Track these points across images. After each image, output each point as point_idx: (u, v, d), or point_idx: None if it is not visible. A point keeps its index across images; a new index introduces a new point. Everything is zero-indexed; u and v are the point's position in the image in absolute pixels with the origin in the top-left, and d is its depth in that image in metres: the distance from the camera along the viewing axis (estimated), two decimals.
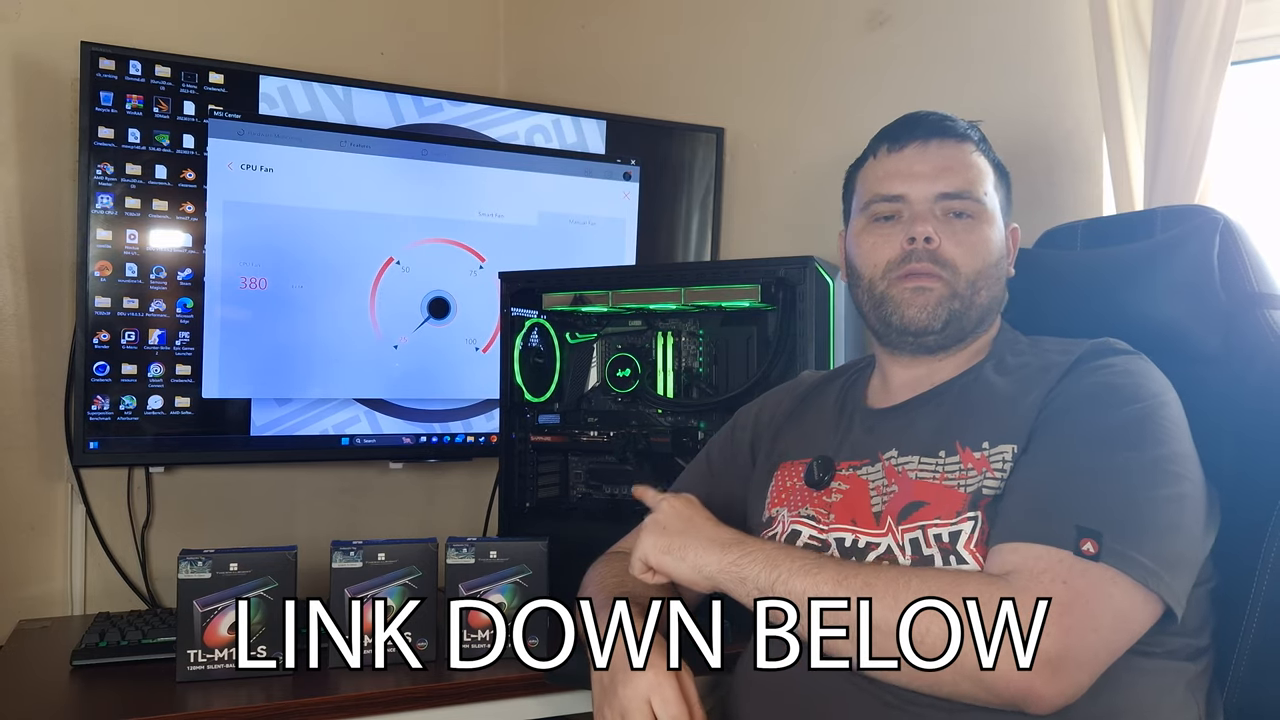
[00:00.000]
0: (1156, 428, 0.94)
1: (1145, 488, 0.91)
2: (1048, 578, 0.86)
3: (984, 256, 1.08)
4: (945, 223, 1.08)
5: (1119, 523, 0.88)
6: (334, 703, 1.20)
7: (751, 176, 2.02)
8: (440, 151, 1.87)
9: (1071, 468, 0.93)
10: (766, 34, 1.97)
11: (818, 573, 0.93)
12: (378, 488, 2.02)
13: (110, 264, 1.63)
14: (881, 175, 1.12)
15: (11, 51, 1.67)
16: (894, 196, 1.10)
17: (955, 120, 1.13)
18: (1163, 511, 0.90)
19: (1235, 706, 1.02)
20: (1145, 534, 0.88)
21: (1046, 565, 0.87)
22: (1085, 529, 0.87)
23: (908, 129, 1.12)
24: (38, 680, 1.32)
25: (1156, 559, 0.87)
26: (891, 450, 1.07)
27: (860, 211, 1.14)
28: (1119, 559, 0.86)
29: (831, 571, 0.93)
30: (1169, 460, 0.93)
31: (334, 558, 1.28)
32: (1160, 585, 0.87)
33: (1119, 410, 0.95)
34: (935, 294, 1.07)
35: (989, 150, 1.14)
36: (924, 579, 0.89)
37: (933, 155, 1.10)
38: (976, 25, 1.71)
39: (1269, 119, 1.54)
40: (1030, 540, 0.89)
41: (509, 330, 1.59)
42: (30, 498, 1.69)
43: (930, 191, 1.08)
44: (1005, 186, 1.15)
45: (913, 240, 1.07)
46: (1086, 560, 0.86)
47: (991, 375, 1.07)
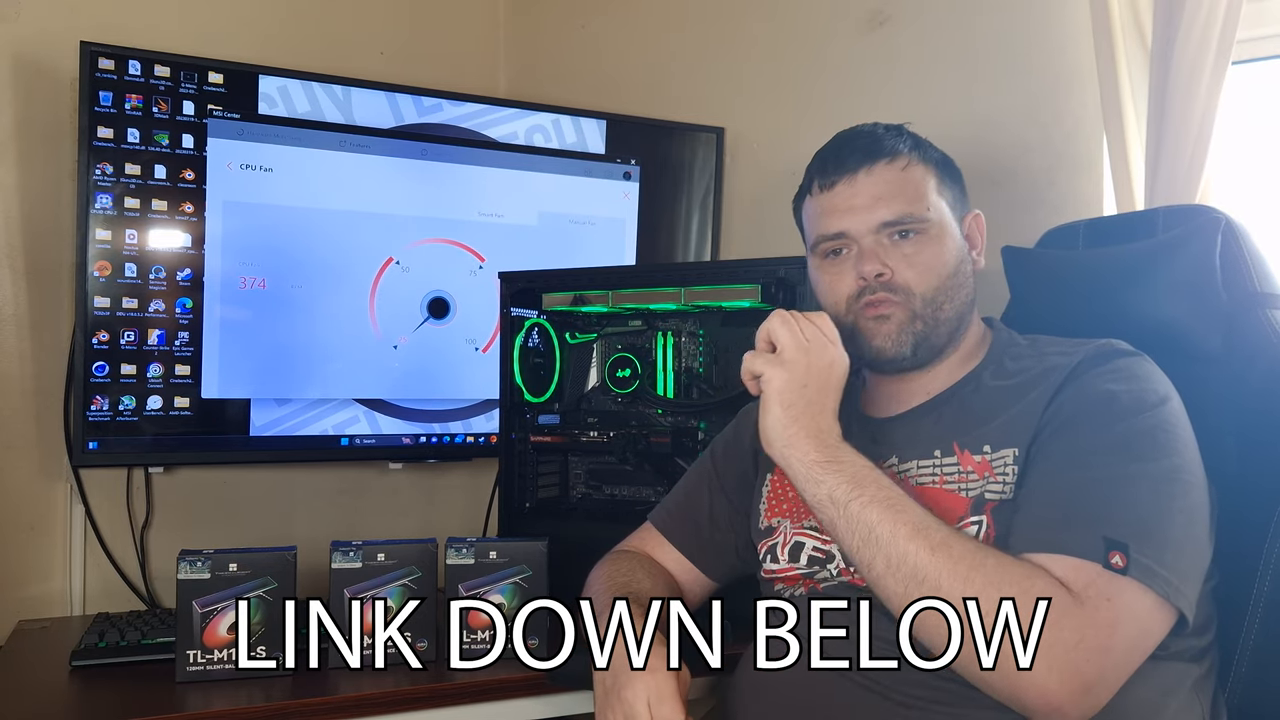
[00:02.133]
0: (1168, 436, 0.94)
1: (1163, 499, 0.91)
2: (1093, 592, 0.86)
3: (938, 272, 1.07)
4: (893, 247, 1.07)
5: (1142, 535, 0.88)
6: (334, 703, 1.19)
7: (751, 176, 2.02)
8: (440, 151, 1.87)
9: (1090, 478, 0.92)
10: (767, 34, 1.97)
11: (900, 511, 0.92)
12: (377, 488, 2.02)
13: (109, 264, 1.62)
14: (819, 213, 1.11)
15: (11, 51, 1.67)
16: (836, 234, 1.09)
17: (881, 136, 1.10)
18: (1179, 523, 0.90)
19: (1237, 706, 1.02)
20: (1167, 547, 0.88)
21: (1089, 579, 0.86)
22: (1113, 541, 0.87)
23: (836, 161, 1.10)
24: (37, 680, 1.32)
25: (1175, 571, 0.88)
26: (893, 458, 1.07)
27: (811, 250, 1.14)
28: (1144, 573, 0.86)
29: (913, 515, 0.91)
30: (1181, 470, 0.93)
31: (333, 558, 1.28)
32: (1180, 598, 0.88)
33: (1132, 419, 0.95)
34: (895, 320, 1.06)
35: (926, 151, 1.11)
36: (1000, 563, 0.88)
37: (864, 186, 1.08)
38: (977, 25, 1.71)
39: (1269, 119, 1.54)
40: (1059, 551, 0.88)
41: (509, 330, 1.59)
42: (30, 498, 1.69)
43: (870, 223, 1.07)
44: (951, 179, 1.13)
45: (863, 279, 1.07)
46: (1118, 575, 0.86)
47: (990, 380, 1.07)
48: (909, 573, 0.89)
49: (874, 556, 0.91)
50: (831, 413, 1.01)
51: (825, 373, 1.02)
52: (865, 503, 0.93)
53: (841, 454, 0.97)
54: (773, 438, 1.00)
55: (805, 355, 1.01)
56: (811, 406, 1.00)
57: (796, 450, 0.98)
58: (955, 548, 0.89)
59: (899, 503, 0.92)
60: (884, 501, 0.92)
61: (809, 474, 0.97)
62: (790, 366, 1.01)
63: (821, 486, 0.95)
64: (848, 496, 0.94)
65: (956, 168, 1.14)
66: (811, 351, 1.02)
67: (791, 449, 0.98)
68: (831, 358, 1.02)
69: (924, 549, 0.89)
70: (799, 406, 0.99)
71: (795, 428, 0.99)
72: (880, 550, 0.91)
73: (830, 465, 0.96)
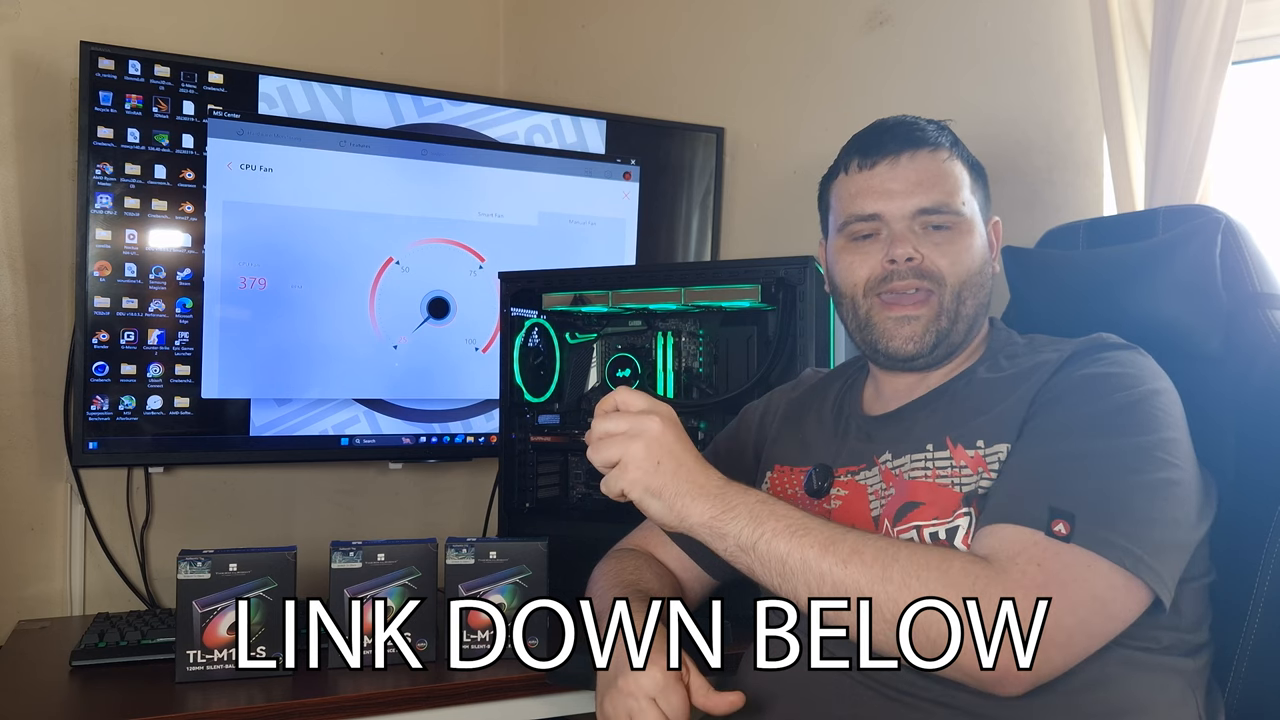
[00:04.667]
0: (1146, 415, 0.94)
1: (1127, 472, 0.90)
2: (1023, 559, 0.86)
3: (967, 265, 1.07)
4: (925, 236, 1.06)
5: (1095, 505, 0.88)
6: (334, 703, 1.19)
7: (751, 176, 2.02)
8: (440, 151, 1.87)
9: (1055, 453, 0.93)
10: (766, 34, 1.97)
11: (803, 535, 0.91)
12: (377, 488, 2.02)
13: (109, 264, 1.62)
14: (854, 193, 1.09)
15: (11, 51, 1.67)
16: (870, 216, 1.08)
17: (925, 127, 1.10)
18: (1146, 496, 0.90)
19: (1237, 705, 1.02)
20: (1124, 517, 0.88)
21: (1022, 547, 0.87)
22: (1058, 510, 0.87)
23: (877, 143, 1.09)
24: (37, 680, 1.32)
25: (1138, 542, 0.87)
26: (886, 454, 1.07)
27: (838, 231, 1.12)
28: (1094, 540, 0.86)
29: (818, 534, 0.91)
30: (1157, 446, 0.92)
31: (333, 558, 1.28)
32: (1142, 569, 0.87)
33: (1108, 398, 0.95)
34: (922, 321, 1.06)
35: (963, 151, 1.12)
36: (913, 553, 0.88)
37: (905, 170, 1.07)
38: (977, 25, 1.71)
39: (1269, 119, 1.54)
40: (1005, 521, 0.89)
41: (509, 330, 1.59)
42: (30, 498, 1.69)
43: (907, 208, 1.06)
44: (982, 184, 1.13)
45: (893, 261, 1.06)
46: (1059, 542, 0.86)
47: (984, 375, 1.06)
48: (831, 589, 0.88)
49: (796, 586, 0.90)
50: (696, 460, 0.97)
51: (663, 434, 0.96)
52: (770, 538, 0.91)
53: (730, 498, 0.94)
54: (665, 518, 0.95)
55: (640, 426, 0.96)
56: (679, 468, 0.95)
57: (692, 516, 0.94)
58: (866, 552, 0.88)
59: (800, 526, 0.92)
60: (786, 531, 0.91)
61: (711, 533, 0.94)
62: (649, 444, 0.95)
63: (727, 539, 0.93)
64: (752, 538, 0.92)
65: (985, 173, 1.15)
66: (641, 422, 0.96)
67: (685, 519, 0.94)
68: (658, 421, 0.96)
69: (836, 564, 0.88)
70: (666, 473, 0.95)
71: (677, 499, 0.94)
72: (799, 578, 0.90)
73: (726, 515, 0.93)
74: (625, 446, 0.95)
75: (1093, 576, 0.86)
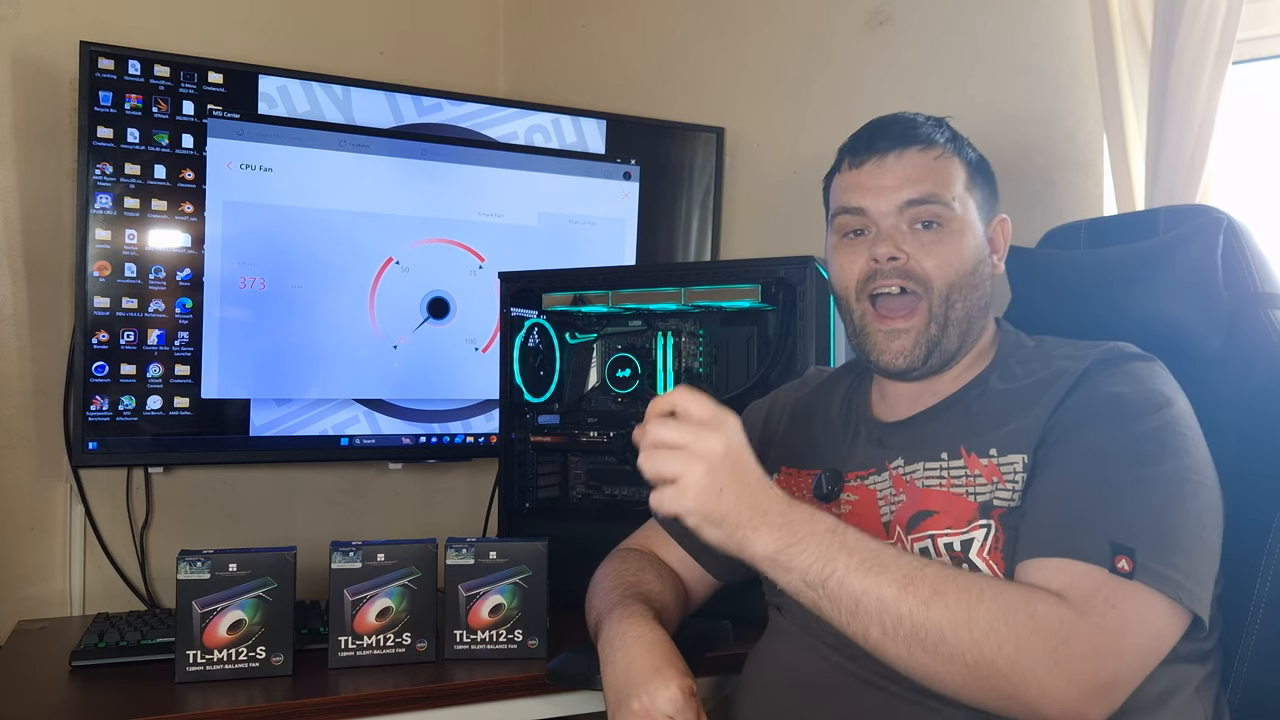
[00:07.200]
0: (1177, 438, 0.93)
1: (1173, 502, 0.90)
2: (1099, 600, 0.85)
3: (956, 268, 1.05)
4: (913, 235, 1.05)
5: (1151, 538, 0.87)
6: (333, 703, 1.19)
7: (751, 176, 2.02)
8: (440, 151, 1.87)
9: (1097, 481, 0.91)
10: (767, 34, 1.97)
11: (880, 572, 0.86)
12: (377, 488, 2.02)
13: (109, 264, 1.62)
14: (844, 188, 1.09)
15: (11, 51, 1.67)
16: (855, 209, 1.07)
17: (920, 124, 1.08)
18: (1192, 524, 0.90)
19: (1237, 706, 1.02)
20: (1178, 550, 0.88)
21: (1095, 587, 0.85)
22: (1119, 545, 0.86)
23: (868, 142, 1.08)
24: (37, 680, 1.32)
25: (1187, 574, 0.87)
26: (899, 460, 1.05)
27: (830, 225, 1.12)
28: (1154, 577, 0.86)
29: (895, 571, 0.86)
30: (1192, 470, 0.92)
31: (333, 558, 1.28)
32: (1193, 600, 0.87)
33: (1139, 421, 0.94)
34: (911, 334, 1.04)
35: (962, 147, 1.10)
36: (997, 593, 0.85)
37: (893, 167, 1.06)
38: (977, 25, 1.71)
39: (1269, 119, 1.54)
40: (1064, 555, 0.88)
41: (509, 330, 1.58)
42: (30, 498, 1.69)
43: (892, 203, 1.05)
44: (984, 181, 1.11)
45: (876, 260, 1.05)
46: (1126, 580, 0.85)
47: (998, 384, 1.05)
48: (909, 633, 0.84)
49: (867, 626, 0.86)
50: (760, 480, 0.90)
51: (728, 455, 0.89)
52: (842, 575, 0.86)
53: (797, 527, 0.88)
54: (723, 546, 0.89)
55: (704, 446, 0.88)
56: (743, 492, 0.88)
57: (754, 548, 0.88)
58: (948, 592, 0.85)
59: (876, 561, 0.86)
60: (860, 567, 0.86)
61: (775, 567, 0.88)
62: (700, 463, 0.87)
63: (793, 573, 0.88)
64: (822, 575, 0.86)
65: (991, 170, 1.13)
66: (704, 440, 0.88)
67: (746, 549, 0.88)
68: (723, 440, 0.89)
69: (917, 605, 0.84)
70: (729, 499, 0.88)
71: (739, 530, 0.88)
72: (873, 619, 0.85)
73: (793, 549, 0.87)
74: (686, 466, 0.87)
75: (1155, 616, 0.86)
